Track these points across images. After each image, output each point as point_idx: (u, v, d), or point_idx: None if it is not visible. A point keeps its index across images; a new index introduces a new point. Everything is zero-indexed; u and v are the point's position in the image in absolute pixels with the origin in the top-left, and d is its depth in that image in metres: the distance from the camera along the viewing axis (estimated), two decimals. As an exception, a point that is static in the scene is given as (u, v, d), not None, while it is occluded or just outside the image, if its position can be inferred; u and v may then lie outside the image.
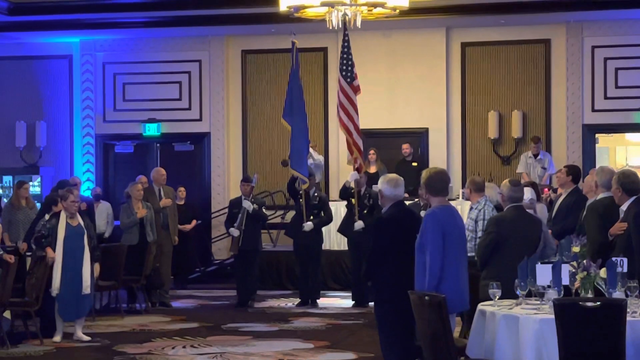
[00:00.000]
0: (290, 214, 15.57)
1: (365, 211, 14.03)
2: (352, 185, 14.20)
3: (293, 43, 14.70)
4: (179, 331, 12.02)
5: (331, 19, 14.60)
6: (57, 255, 11.08)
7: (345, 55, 14.75)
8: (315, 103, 17.96)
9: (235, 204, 14.43)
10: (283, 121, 14.88)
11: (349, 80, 14.68)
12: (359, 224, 13.96)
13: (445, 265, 7.26)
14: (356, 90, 14.70)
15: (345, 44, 14.76)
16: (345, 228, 14.45)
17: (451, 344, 6.71)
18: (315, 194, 14.40)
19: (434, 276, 7.23)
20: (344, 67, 14.74)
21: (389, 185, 7.79)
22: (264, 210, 14.66)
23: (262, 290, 15.08)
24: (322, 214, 14.38)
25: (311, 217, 14.19)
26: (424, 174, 7.75)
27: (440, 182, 7.58)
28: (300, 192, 14.28)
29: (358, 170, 14.44)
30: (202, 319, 12.96)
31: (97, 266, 11.55)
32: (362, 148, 14.61)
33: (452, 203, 9.04)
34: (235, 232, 14.11)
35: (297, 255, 14.62)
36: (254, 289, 14.44)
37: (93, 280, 11.38)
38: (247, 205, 14.09)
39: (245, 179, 14.66)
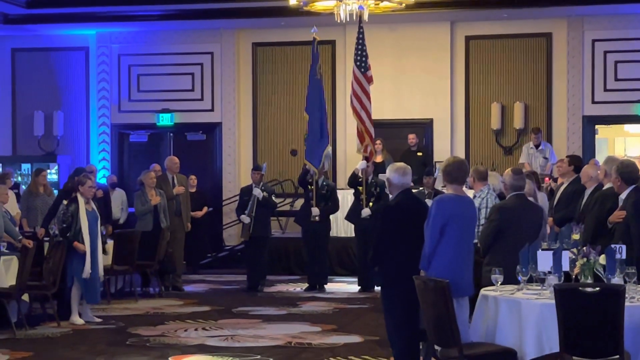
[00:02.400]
0: (299, 202, 15.58)
1: (372, 199, 14.04)
2: (361, 174, 14.21)
3: (313, 39, 14.86)
4: (191, 314, 12.04)
5: (339, 13, 14.62)
6: (85, 243, 11.15)
7: (359, 47, 14.86)
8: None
9: (245, 192, 14.44)
10: (305, 114, 14.97)
11: (362, 70, 14.78)
12: (365, 212, 13.97)
13: (448, 249, 7.26)
14: (369, 80, 14.81)
15: (360, 35, 14.85)
16: (352, 215, 14.45)
17: (454, 327, 6.71)
18: (324, 183, 14.42)
19: (424, 258, 7.29)
20: (359, 58, 14.84)
21: (397, 173, 7.80)
22: (273, 197, 14.66)
23: (271, 275, 15.09)
24: (330, 203, 14.41)
25: (321, 204, 14.25)
26: (445, 162, 7.74)
27: (457, 171, 7.56)
28: (310, 180, 14.32)
29: (369, 156, 14.45)
30: (214, 303, 12.98)
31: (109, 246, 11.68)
32: (373, 135, 14.68)
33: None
34: (246, 219, 14.12)
35: (305, 241, 14.64)
36: (263, 274, 14.45)
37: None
38: (257, 192, 14.10)
39: (256, 168, 14.68)
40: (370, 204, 14.01)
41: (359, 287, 14.22)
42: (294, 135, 18.19)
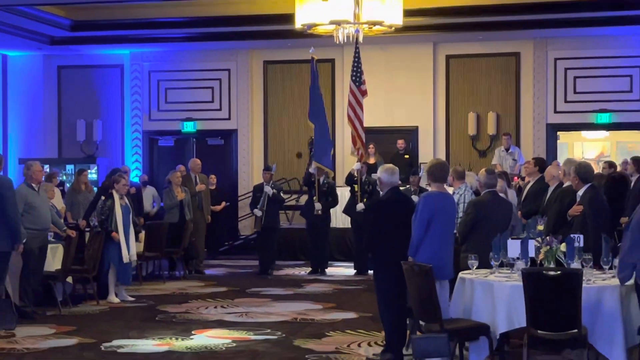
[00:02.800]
0: (304, 198, 15.57)
1: (365, 195, 14.04)
2: (356, 174, 14.22)
3: (312, 58, 14.80)
4: (211, 294, 12.05)
5: (338, 35, 14.61)
6: (120, 233, 11.19)
7: (356, 64, 14.84)
8: (325, 105, 17.90)
9: (258, 189, 14.45)
10: (309, 122, 14.94)
11: (357, 84, 14.78)
12: (360, 206, 13.95)
13: (433, 239, 7.26)
14: (363, 93, 14.82)
15: (357, 55, 14.82)
16: (349, 209, 14.45)
17: (437, 305, 6.71)
18: (325, 182, 14.39)
19: (412, 245, 7.28)
20: (354, 73, 14.84)
21: (386, 173, 7.81)
22: (281, 194, 14.69)
23: (279, 261, 15.10)
24: (330, 198, 14.42)
25: (322, 200, 14.25)
26: (429, 163, 7.75)
27: (439, 172, 7.59)
28: (313, 180, 14.32)
29: (360, 158, 14.49)
30: (230, 284, 12.99)
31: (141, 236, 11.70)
32: (364, 140, 14.70)
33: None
34: (258, 212, 14.11)
35: (308, 232, 14.64)
36: (273, 260, 14.46)
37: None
38: (268, 190, 14.10)
39: (266, 168, 14.68)
40: (365, 199, 14.00)
41: (355, 271, 14.22)
42: (299, 140, 18.19)
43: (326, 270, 14.34)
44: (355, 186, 14.22)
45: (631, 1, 15.40)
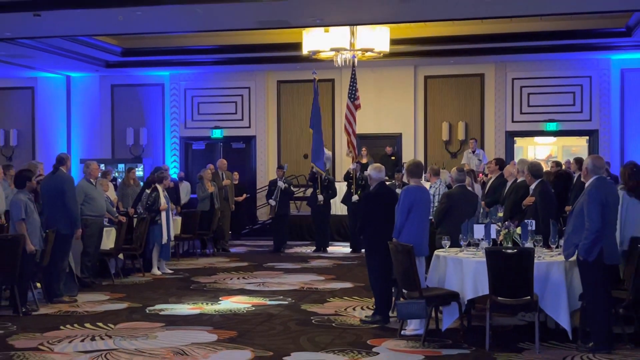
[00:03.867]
0: (309, 191, 15.54)
1: (359, 189, 14.00)
2: (352, 172, 14.24)
3: (314, 79, 14.79)
4: (235, 268, 12.05)
5: (337, 60, 14.62)
6: (162, 218, 11.22)
7: (352, 83, 14.84)
8: (326, 117, 17.89)
9: (272, 183, 14.45)
10: (309, 129, 14.89)
11: (352, 99, 14.78)
12: (355, 198, 13.93)
13: (413, 224, 7.24)
14: (357, 107, 14.82)
15: (353, 76, 14.83)
16: (345, 200, 14.43)
17: (416, 277, 6.70)
18: (326, 178, 14.36)
19: (396, 229, 7.25)
20: (350, 91, 14.85)
21: (375, 171, 7.79)
22: (291, 187, 14.68)
23: (290, 241, 15.10)
24: (330, 191, 14.39)
25: (324, 193, 14.20)
26: (407, 162, 7.73)
27: (417, 169, 7.58)
28: (317, 176, 14.29)
29: (353, 159, 14.59)
30: (250, 260, 12.98)
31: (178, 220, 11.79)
32: (356, 146, 14.73)
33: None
34: (272, 202, 14.17)
35: (313, 218, 14.61)
36: (284, 241, 14.45)
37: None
38: (281, 184, 14.16)
39: (280, 167, 14.83)
40: (359, 192, 13.95)
41: (350, 249, 14.21)
42: (305, 145, 18.15)
43: (327, 249, 14.32)
44: (351, 181, 14.22)
45: (574, 32, 15.43)
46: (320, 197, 14.15)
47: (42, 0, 11.57)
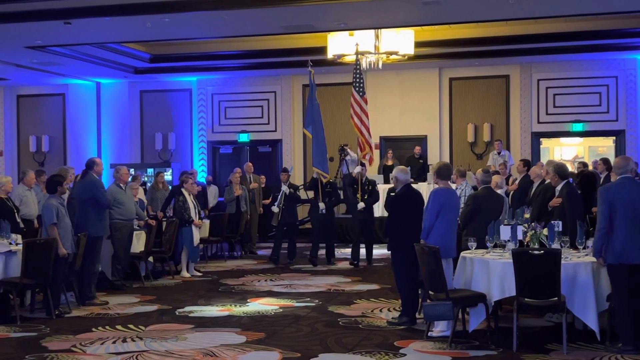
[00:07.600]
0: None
1: (365, 195, 12.24)
2: (355, 175, 12.49)
3: (309, 72, 13.36)
4: (262, 270, 12.07)
5: (362, 63, 14.59)
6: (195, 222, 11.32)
7: (357, 75, 14.36)
8: (345, 120, 17.91)
9: (277, 189, 12.94)
10: (305, 130, 13.30)
11: (360, 94, 14.44)
12: (360, 205, 12.17)
13: (441, 225, 7.21)
14: (366, 101, 14.43)
15: (358, 67, 14.53)
16: (350, 209, 12.85)
17: (443, 278, 6.68)
18: (327, 184, 12.65)
19: (425, 230, 7.22)
20: (357, 83, 14.38)
21: (402, 173, 7.77)
22: (297, 192, 13.00)
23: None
24: (333, 197, 12.61)
25: (326, 199, 12.46)
26: (435, 165, 7.70)
27: (445, 171, 7.53)
28: (318, 182, 12.57)
29: (369, 162, 13.68)
30: (278, 262, 12.92)
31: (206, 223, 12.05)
32: (372, 145, 13.95)
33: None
34: (275, 209, 12.66)
35: (314, 227, 12.75)
36: (294, 252, 12.96)
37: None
38: (285, 189, 12.65)
39: (284, 170, 13.13)
40: (366, 196, 12.23)
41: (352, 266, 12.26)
42: (331, 148, 18.13)
43: (332, 260, 12.59)
44: (356, 187, 12.32)
45: (599, 33, 15.28)
46: (322, 206, 12.31)
47: (72, 9, 11.72)
